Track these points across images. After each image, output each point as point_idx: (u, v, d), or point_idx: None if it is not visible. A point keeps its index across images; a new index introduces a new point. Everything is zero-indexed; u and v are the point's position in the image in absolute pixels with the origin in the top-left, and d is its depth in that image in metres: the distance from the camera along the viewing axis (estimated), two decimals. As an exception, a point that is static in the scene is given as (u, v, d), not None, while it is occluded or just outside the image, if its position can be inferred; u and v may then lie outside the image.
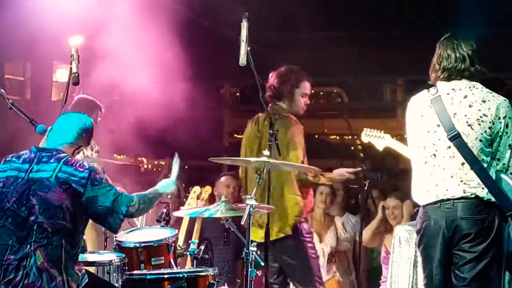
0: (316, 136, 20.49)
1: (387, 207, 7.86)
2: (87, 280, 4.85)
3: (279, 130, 5.96)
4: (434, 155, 4.98)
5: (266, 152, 5.48)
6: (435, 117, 4.97)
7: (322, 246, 7.96)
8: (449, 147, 4.92)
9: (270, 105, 6.62)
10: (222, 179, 8.41)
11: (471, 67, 4.99)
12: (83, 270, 4.89)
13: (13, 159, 4.94)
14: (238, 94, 15.41)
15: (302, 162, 6.32)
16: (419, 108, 5.09)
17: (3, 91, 5.85)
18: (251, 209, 5.19)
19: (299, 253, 6.38)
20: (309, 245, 6.51)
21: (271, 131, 5.80)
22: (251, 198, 5.23)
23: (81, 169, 4.80)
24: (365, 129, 6.38)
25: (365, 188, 7.51)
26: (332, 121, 18.84)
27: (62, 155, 4.87)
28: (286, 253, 6.39)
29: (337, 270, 8.11)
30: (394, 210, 7.72)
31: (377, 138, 6.34)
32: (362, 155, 8.03)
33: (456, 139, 4.88)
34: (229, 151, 6.85)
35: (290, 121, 6.51)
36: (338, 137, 19.45)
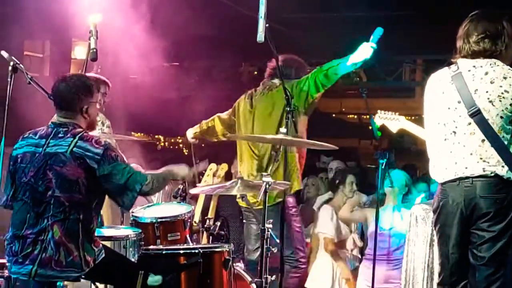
0: (334, 115, 20.49)
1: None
2: (103, 255, 4.88)
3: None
4: (454, 132, 4.95)
5: (283, 129, 5.47)
6: (456, 93, 4.94)
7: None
8: (470, 123, 4.88)
9: (263, 81, 6.80)
10: None
11: (493, 45, 4.95)
12: (100, 245, 4.92)
13: (30, 135, 4.99)
14: (256, 72, 15.37)
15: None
16: (440, 85, 5.05)
17: (22, 66, 5.87)
18: (267, 186, 5.18)
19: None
20: (293, 218, 6.54)
21: (288, 108, 5.80)
22: (267, 175, 5.22)
23: (96, 145, 4.82)
24: (378, 111, 6.36)
25: (382, 168, 7.47)
26: (350, 100, 18.80)
27: (78, 130, 4.90)
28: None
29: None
30: None
31: (391, 121, 6.31)
32: (379, 133, 7.97)
33: (477, 115, 4.84)
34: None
35: None
36: (356, 116, 19.42)
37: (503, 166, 4.81)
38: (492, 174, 4.83)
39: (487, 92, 4.86)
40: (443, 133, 5.00)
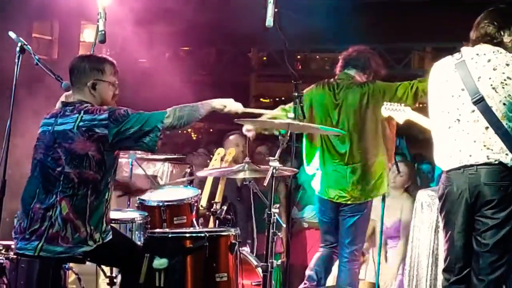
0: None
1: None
2: (111, 237, 4.89)
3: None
4: (458, 120, 4.95)
5: (290, 115, 5.46)
6: (459, 81, 4.94)
7: None
8: (473, 111, 4.89)
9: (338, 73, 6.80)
10: (231, 137, 8.43)
11: (496, 32, 4.95)
12: (109, 227, 4.94)
13: (47, 115, 5.07)
14: (264, 58, 15.37)
15: None
16: (444, 73, 5.06)
17: (29, 47, 5.86)
18: (275, 171, 5.18)
19: None
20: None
21: (296, 93, 5.79)
22: (275, 159, 5.22)
23: (100, 112, 4.83)
24: (385, 103, 6.35)
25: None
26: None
27: (84, 105, 4.92)
28: None
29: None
30: (397, 176, 7.65)
31: (397, 112, 6.30)
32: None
33: (480, 102, 4.85)
34: (255, 115, 6.79)
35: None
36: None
37: (507, 154, 4.82)
38: (496, 162, 4.84)
39: (490, 78, 4.86)
40: (447, 121, 5.01)
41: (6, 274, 5.28)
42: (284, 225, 5.47)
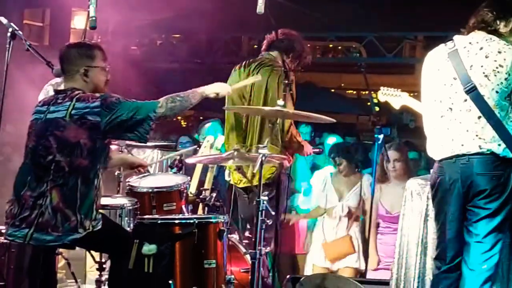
0: (333, 90, 20.49)
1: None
2: (101, 226, 4.89)
3: (270, 78, 6.22)
4: (450, 108, 4.94)
5: (280, 102, 5.46)
6: (451, 70, 4.93)
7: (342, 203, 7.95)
8: (466, 100, 4.87)
9: (262, 53, 6.69)
10: (207, 125, 8.47)
11: (493, 21, 4.96)
12: (99, 215, 4.94)
13: (40, 103, 5.08)
14: (255, 46, 15.35)
15: None
16: (436, 62, 5.06)
17: (21, 32, 5.87)
18: (263, 158, 5.19)
19: None
20: None
21: (286, 82, 5.80)
22: (264, 147, 5.23)
23: (92, 100, 4.83)
24: (381, 88, 6.35)
25: (379, 143, 7.46)
26: (350, 76, 18.78)
27: (75, 93, 4.91)
28: None
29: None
30: (395, 162, 7.67)
31: (394, 97, 6.31)
32: (377, 109, 7.97)
33: (473, 91, 4.83)
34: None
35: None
36: (354, 92, 19.43)
37: (499, 144, 4.81)
38: (488, 152, 4.82)
39: (482, 66, 4.85)
40: (440, 110, 5.00)
41: (-4, 259, 5.30)
42: (273, 213, 5.47)
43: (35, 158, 4.87)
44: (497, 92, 4.82)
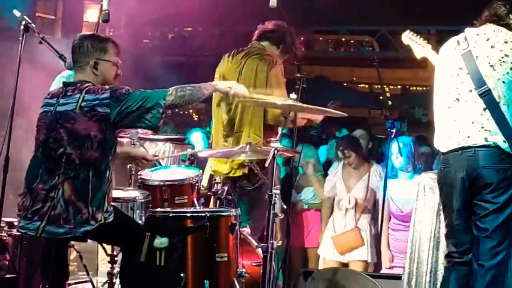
0: (345, 84, 20.43)
1: None
2: (112, 218, 4.90)
3: (258, 67, 6.25)
4: (457, 99, 4.93)
5: (293, 96, 5.45)
6: (459, 60, 4.93)
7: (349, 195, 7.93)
8: (471, 91, 4.86)
9: (252, 43, 6.69)
10: None
11: (505, 15, 4.94)
12: (111, 207, 4.94)
13: (48, 95, 5.06)
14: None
15: None
16: (446, 54, 5.06)
17: (33, 25, 5.88)
18: (276, 151, 5.18)
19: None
20: None
21: (298, 75, 5.79)
22: (276, 140, 5.22)
23: (102, 91, 4.83)
24: (407, 31, 6.23)
25: (392, 137, 7.44)
26: (362, 70, 18.71)
27: (85, 85, 4.91)
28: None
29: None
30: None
31: (417, 44, 6.17)
32: (390, 102, 7.95)
33: (479, 82, 4.81)
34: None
35: (272, 60, 6.44)
36: (367, 86, 19.37)
37: (504, 141, 4.78)
38: (494, 145, 4.80)
39: (487, 57, 4.84)
40: (447, 101, 4.99)
41: (9, 251, 5.31)
42: (285, 206, 5.46)
43: (46, 151, 4.88)
44: (503, 82, 4.79)
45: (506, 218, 4.83)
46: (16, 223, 5.04)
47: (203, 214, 5.21)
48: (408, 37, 6.02)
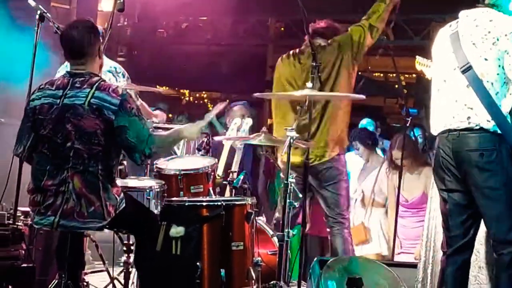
0: (360, 73, 20.30)
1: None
2: (124, 205, 4.89)
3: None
4: (444, 80, 4.93)
5: (309, 85, 5.44)
6: (447, 42, 4.93)
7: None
8: (455, 69, 4.84)
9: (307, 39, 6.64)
10: (236, 108, 8.45)
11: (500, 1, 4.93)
12: (122, 194, 4.93)
13: (47, 86, 4.94)
14: (282, 28, 15.29)
15: None
16: (438, 38, 5.10)
17: (49, 15, 5.88)
18: (292, 141, 5.18)
19: None
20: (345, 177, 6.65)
21: (314, 64, 5.78)
22: (292, 129, 5.22)
23: (113, 95, 4.78)
24: (417, 57, 6.27)
25: (407, 125, 7.43)
26: (377, 59, 18.59)
27: (95, 79, 4.86)
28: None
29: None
30: (397, 161, 7.64)
31: (428, 67, 6.25)
32: (405, 91, 7.93)
33: (462, 61, 4.78)
34: (271, 85, 6.87)
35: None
36: (382, 75, 19.28)
37: (488, 121, 4.73)
38: (477, 127, 4.76)
39: (471, 35, 4.82)
40: (437, 84, 5.02)
41: (25, 240, 5.33)
42: (301, 195, 5.46)
43: (53, 145, 4.81)
44: (485, 59, 4.75)
45: (496, 201, 4.75)
46: (31, 214, 5.03)
47: (218, 203, 5.22)
48: (419, 63, 6.11)
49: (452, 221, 4.96)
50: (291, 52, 6.75)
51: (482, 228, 5.03)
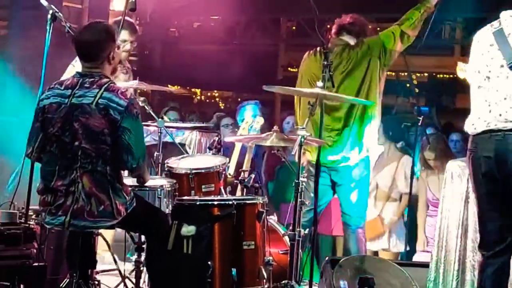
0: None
1: None
2: (134, 204, 4.90)
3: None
4: (488, 77, 4.80)
5: (319, 83, 5.43)
6: (490, 38, 4.83)
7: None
8: (502, 66, 4.72)
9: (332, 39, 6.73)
10: (247, 107, 8.46)
11: None
12: (132, 194, 4.94)
13: (56, 85, 4.97)
14: (294, 27, 15.28)
15: None
16: (477, 37, 4.96)
17: (61, 14, 5.89)
18: (302, 139, 5.17)
19: None
20: None
21: (325, 63, 5.76)
22: (303, 128, 5.21)
23: (121, 96, 4.79)
24: (459, 63, 6.19)
25: (419, 124, 7.39)
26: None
27: (104, 80, 4.87)
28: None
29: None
30: (430, 161, 7.63)
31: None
32: (417, 90, 7.90)
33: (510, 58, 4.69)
34: (283, 84, 6.86)
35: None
36: (393, 74, 19.25)
37: None
38: None
39: None
40: (478, 81, 4.86)
41: (36, 239, 5.34)
42: (312, 194, 5.46)
43: (61, 145, 4.82)
44: None
45: None
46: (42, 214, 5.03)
47: (230, 202, 5.23)
48: (460, 69, 6.01)
49: (490, 224, 4.87)
50: (318, 48, 6.72)
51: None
